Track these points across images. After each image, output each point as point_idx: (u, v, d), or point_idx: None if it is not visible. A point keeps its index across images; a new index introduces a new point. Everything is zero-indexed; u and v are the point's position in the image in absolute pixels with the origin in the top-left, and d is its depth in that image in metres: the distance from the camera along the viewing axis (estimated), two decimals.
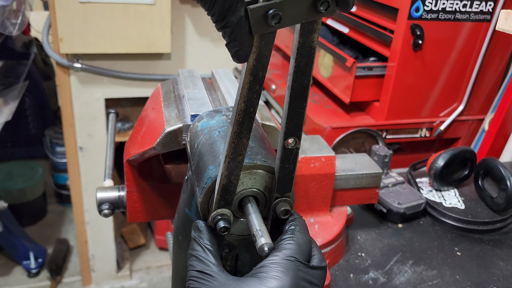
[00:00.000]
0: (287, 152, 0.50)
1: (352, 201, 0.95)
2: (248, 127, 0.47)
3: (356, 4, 1.63)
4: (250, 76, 0.44)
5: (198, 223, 0.51)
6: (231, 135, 0.47)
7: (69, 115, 1.99)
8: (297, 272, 0.46)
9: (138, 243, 2.64)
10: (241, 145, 0.47)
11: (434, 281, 0.92)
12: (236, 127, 0.46)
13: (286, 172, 0.51)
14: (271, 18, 0.40)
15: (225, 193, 0.50)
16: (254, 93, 0.45)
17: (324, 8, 0.41)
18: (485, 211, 1.16)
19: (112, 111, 1.03)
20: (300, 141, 0.49)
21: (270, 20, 0.40)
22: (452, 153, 1.18)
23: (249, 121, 0.46)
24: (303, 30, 0.43)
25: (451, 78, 1.54)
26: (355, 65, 1.46)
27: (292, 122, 0.48)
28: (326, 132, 1.47)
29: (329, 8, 0.41)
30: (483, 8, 1.44)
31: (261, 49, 0.42)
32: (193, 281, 0.46)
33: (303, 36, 0.44)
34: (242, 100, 0.45)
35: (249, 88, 0.44)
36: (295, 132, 0.49)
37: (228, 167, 0.48)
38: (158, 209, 0.83)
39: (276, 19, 0.40)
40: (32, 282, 2.39)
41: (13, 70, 2.16)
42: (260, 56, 0.43)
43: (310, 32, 0.44)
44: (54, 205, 2.93)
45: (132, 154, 0.73)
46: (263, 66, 0.43)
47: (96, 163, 2.11)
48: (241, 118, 0.46)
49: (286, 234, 0.50)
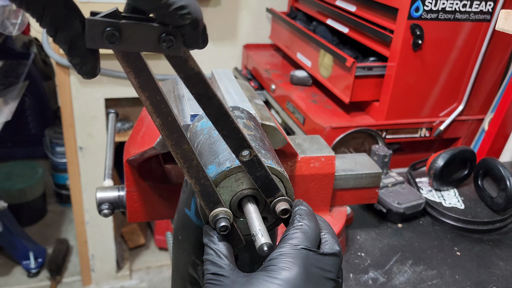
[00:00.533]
0: (248, 164, 0.49)
1: (352, 201, 0.95)
2: (180, 134, 0.46)
3: (356, 4, 1.63)
4: (144, 93, 0.43)
5: (207, 227, 0.52)
6: (171, 149, 0.46)
7: (69, 115, 1.99)
8: (306, 259, 0.45)
9: (138, 243, 2.64)
10: (186, 151, 0.47)
11: (434, 281, 0.92)
12: (169, 141, 0.46)
13: (262, 179, 0.51)
14: (106, 36, 0.39)
15: (207, 197, 0.50)
16: (159, 103, 0.44)
17: (167, 46, 0.40)
18: (485, 211, 1.16)
19: (112, 111, 1.03)
20: (252, 148, 0.49)
21: (105, 38, 0.39)
22: (451, 153, 1.18)
23: (176, 128, 0.46)
24: (174, 66, 0.43)
25: (451, 78, 1.54)
26: (355, 65, 1.46)
27: (232, 140, 0.48)
28: (326, 132, 1.47)
29: (171, 46, 0.40)
30: (483, 8, 1.44)
31: (132, 65, 0.41)
32: (208, 284, 0.47)
33: (180, 71, 0.43)
34: (154, 116, 0.44)
35: (151, 102, 0.44)
36: (242, 145, 0.48)
37: (190, 175, 0.48)
38: (158, 209, 0.83)
39: (113, 38, 0.39)
40: (32, 282, 2.39)
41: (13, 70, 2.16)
42: (137, 70, 0.42)
43: (184, 63, 0.43)
44: (54, 205, 2.93)
45: (132, 154, 0.73)
46: (148, 76, 0.43)
47: (96, 163, 2.11)
48: (166, 131, 0.46)
49: (291, 224, 0.50)
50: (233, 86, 0.79)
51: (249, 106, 0.72)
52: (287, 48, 2.03)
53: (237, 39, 2.25)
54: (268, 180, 0.51)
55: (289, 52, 1.99)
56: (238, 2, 2.19)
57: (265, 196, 0.52)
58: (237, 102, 0.72)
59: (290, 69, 1.93)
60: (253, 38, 2.28)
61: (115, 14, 0.39)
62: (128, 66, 0.42)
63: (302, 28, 1.84)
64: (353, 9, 1.64)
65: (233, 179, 0.52)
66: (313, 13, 1.95)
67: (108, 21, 0.38)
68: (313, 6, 1.94)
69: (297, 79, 1.82)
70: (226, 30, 2.21)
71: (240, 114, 0.62)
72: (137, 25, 0.39)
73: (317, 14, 1.91)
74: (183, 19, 0.39)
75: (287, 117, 1.77)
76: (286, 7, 2.24)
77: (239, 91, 0.78)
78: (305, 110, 1.60)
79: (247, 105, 0.72)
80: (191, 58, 0.43)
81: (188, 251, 0.62)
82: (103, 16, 0.39)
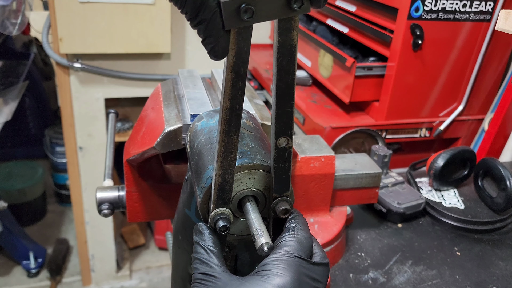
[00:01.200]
0: (280, 151, 0.50)
1: (352, 201, 0.95)
2: (236, 125, 0.46)
3: (356, 4, 1.63)
4: (232, 74, 0.44)
5: (199, 225, 0.51)
6: (220, 134, 0.47)
7: (69, 115, 1.99)
8: (299, 268, 0.46)
9: (138, 243, 2.64)
10: (231, 143, 0.47)
11: (434, 281, 0.92)
12: (224, 126, 0.46)
13: (281, 171, 0.51)
14: (243, 12, 0.39)
15: (221, 193, 0.50)
16: (238, 90, 0.45)
17: (298, 5, 0.41)
18: (485, 211, 1.16)
19: (112, 111, 1.03)
20: (292, 139, 0.49)
21: (242, 15, 0.40)
22: (451, 153, 1.18)
23: (236, 118, 0.46)
24: (281, 29, 0.43)
25: (450, 78, 1.54)
26: (355, 65, 1.46)
27: (281, 121, 0.48)
28: (326, 132, 1.47)
29: (302, 6, 0.41)
30: (482, 8, 1.44)
31: (239, 45, 0.42)
32: (197, 283, 0.46)
33: (282, 35, 0.44)
34: (227, 98, 0.45)
35: (232, 85, 0.44)
36: (285, 131, 0.49)
37: (221, 166, 0.48)
38: (157, 209, 0.83)
39: (248, 13, 0.40)
40: (32, 282, 2.39)
41: (13, 70, 2.16)
42: (240, 52, 0.43)
43: (289, 31, 0.43)
44: (54, 205, 2.93)
45: (132, 154, 0.73)
46: (244, 62, 0.43)
47: (96, 163, 2.11)
48: (228, 116, 0.46)
49: (287, 231, 0.50)
50: None
51: (249, 106, 0.72)
52: None
53: None
54: (285, 176, 0.51)
55: None
56: None
57: (274, 190, 0.52)
58: None
59: None
60: (253, 38, 2.27)
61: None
62: (235, 43, 0.42)
63: (302, 28, 1.84)
64: (353, 9, 1.64)
65: None
66: (313, 13, 1.95)
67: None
68: None
69: (297, 79, 1.82)
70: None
71: None
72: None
73: (317, 14, 1.91)
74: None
75: None
76: None
77: None
78: (305, 110, 1.60)
79: (247, 105, 0.72)
80: (296, 28, 0.44)
81: (188, 251, 0.62)
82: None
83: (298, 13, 0.42)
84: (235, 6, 0.39)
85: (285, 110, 0.47)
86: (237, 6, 0.39)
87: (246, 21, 0.40)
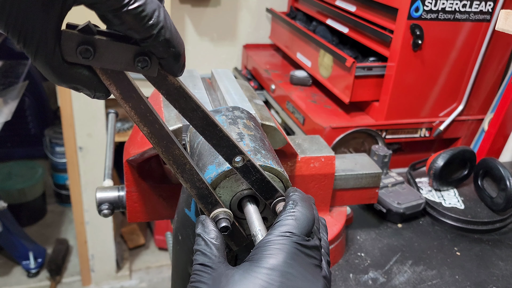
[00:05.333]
0: (243, 169, 0.49)
1: (352, 201, 0.95)
2: (169, 140, 0.46)
3: (356, 4, 1.63)
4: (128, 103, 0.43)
5: (201, 217, 0.51)
6: (162, 155, 0.47)
7: (68, 115, 1.99)
8: (294, 246, 0.44)
9: (137, 243, 2.64)
10: (178, 156, 0.47)
11: (434, 281, 0.92)
12: (160, 148, 0.46)
13: (259, 182, 0.50)
14: (79, 52, 0.39)
15: (204, 199, 0.50)
16: (145, 112, 0.44)
17: (142, 66, 0.41)
18: (485, 211, 1.16)
19: (111, 111, 1.03)
20: (244, 153, 0.49)
21: (78, 54, 0.39)
22: (451, 153, 1.18)
23: (165, 135, 0.46)
24: (155, 83, 0.43)
25: (450, 78, 1.54)
26: (355, 65, 1.46)
27: (223, 148, 0.48)
28: (325, 132, 1.47)
29: (146, 67, 0.41)
30: (482, 8, 1.44)
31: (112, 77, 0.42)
32: (195, 275, 0.45)
33: (160, 87, 0.43)
34: (141, 125, 0.45)
35: (136, 112, 0.44)
36: (233, 152, 0.48)
37: (185, 180, 0.48)
38: (157, 209, 0.83)
39: (87, 54, 0.39)
40: (31, 282, 2.39)
41: (12, 70, 2.16)
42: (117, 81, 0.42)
43: (163, 79, 0.43)
44: (53, 205, 2.93)
45: (132, 154, 0.73)
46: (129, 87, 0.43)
47: (95, 163, 2.11)
48: (155, 139, 0.46)
49: (283, 210, 0.48)
50: (233, 86, 0.79)
51: (249, 106, 0.72)
52: (287, 48, 2.03)
53: (237, 39, 2.25)
54: (264, 183, 0.51)
55: (289, 52, 1.99)
56: (238, 2, 2.19)
57: (264, 198, 0.52)
58: (237, 102, 0.72)
59: (290, 69, 1.93)
60: (253, 38, 2.29)
61: (89, 28, 0.39)
62: (107, 79, 0.42)
63: (302, 28, 1.84)
64: (353, 9, 1.64)
65: (233, 179, 0.52)
66: (313, 13, 1.95)
67: (82, 36, 0.38)
68: (313, 6, 1.94)
69: (297, 79, 1.82)
70: (226, 30, 2.21)
71: (240, 114, 0.62)
72: (112, 43, 0.40)
73: (317, 14, 1.91)
74: (166, 53, 0.41)
75: (287, 117, 1.77)
76: (286, 7, 2.24)
77: (239, 91, 0.78)
78: (305, 110, 1.60)
79: (247, 105, 0.72)
80: (169, 75, 0.43)
81: (188, 251, 0.62)
82: (78, 30, 0.38)
83: (143, 73, 0.41)
84: (74, 43, 0.38)
85: (218, 138, 0.47)
86: (76, 43, 0.38)
87: (83, 61, 0.39)
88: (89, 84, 0.42)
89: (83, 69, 0.41)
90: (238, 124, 0.59)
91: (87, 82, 0.42)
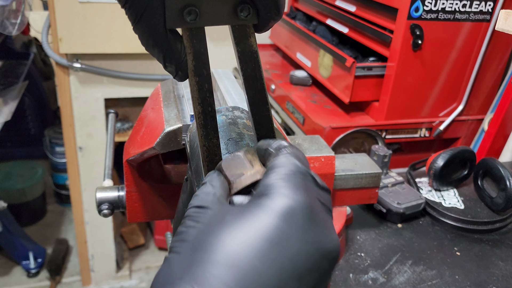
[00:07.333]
0: None
1: (352, 201, 0.95)
2: (213, 127, 0.46)
3: (356, 4, 1.63)
4: (195, 77, 0.43)
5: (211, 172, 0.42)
6: (200, 139, 0.46)
7: (68, 115, 1.99)
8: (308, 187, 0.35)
9: (137, 243, 2.64)
10: (213, 146, 0.47)
11: (434, 281, 0.92)
12: (202, 130, 0.46)
13: None
14: (186, 13, 0.39)
15: None
16: (206, 92, 0.44)
17: (245, 15, 0.41)
18: (485, 211, 1.16)
19: (111, 111, 1.03)
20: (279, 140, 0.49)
21: (185, 16, 0.39)
22: (451, 153, 1.18)
23: (212, 120, 0.46)
24: (236, 37, 0.43)
25: (450, 78, 1.54)
26: (355, 65, 1.46)
27: (261, 127, 0.48)
28: (325, 132, 1.47)
29: (249, 15, 0.41)
30: (482, 8, 1.44)
31: (195, 47, 0.42)
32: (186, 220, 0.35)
33: (239, 44, 0.43)
34: (197, 102, 0.44)
35: (199, 89, 0.44)
36: (267, 136, 0.48)
37: (208, 170, 0.48)
38: (157, 209, 0.83)
39: (192, 15, 0.39)
40: (31, 282, 2.39)
41: (12, 70, 2.16)
42: (197, 54, 0.42)
43: (245, 38, 0.43)
44: (53, 205, 2.93)
45: (132, 154, 0.73)
46: (204, 63, 0.43)
47: (95, 163, 2.11)
48: (202, 120, 0.45)
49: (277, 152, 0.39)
50: (233, 86, 0.79)
51: None
52: (286, 48, 2.03)
53: None
54: None
55: (289, 52, 1.99)
56: None
57: None
58: (237, 102, 0.72)
59: (290, 69, 1.93)
60: None
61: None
62: (190, 47, 0.42)
63: (302, 28, 1.84)
64: (353, 9, 1.64)
65: None
66: (313, 13, 1.95)
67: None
68: (313, 6, 1.94)
69: (296, 79, 1.82)
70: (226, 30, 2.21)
71: (240, 114, 0.62)
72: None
73: (317, 14, 1.91)
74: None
75: (287, 117, 1.76)
76: (286, 7, 2.24)
77: (239, 91, 0.78)
78: (304, 110, 1.60)
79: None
80: (253, 34, 0.43)
81: None
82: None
83: (244, 23, 0.42)
84: (179, 6, 0.39)
85: (262, 115, 0.47)
86: (181, 7, 0.39)
87: (189, 23, 0.40)
88: (177, 57, 0.42)
89: (176, 40, 0.41)
90: (238, 124, 0.59)
91: (178, 54, 0.42)
